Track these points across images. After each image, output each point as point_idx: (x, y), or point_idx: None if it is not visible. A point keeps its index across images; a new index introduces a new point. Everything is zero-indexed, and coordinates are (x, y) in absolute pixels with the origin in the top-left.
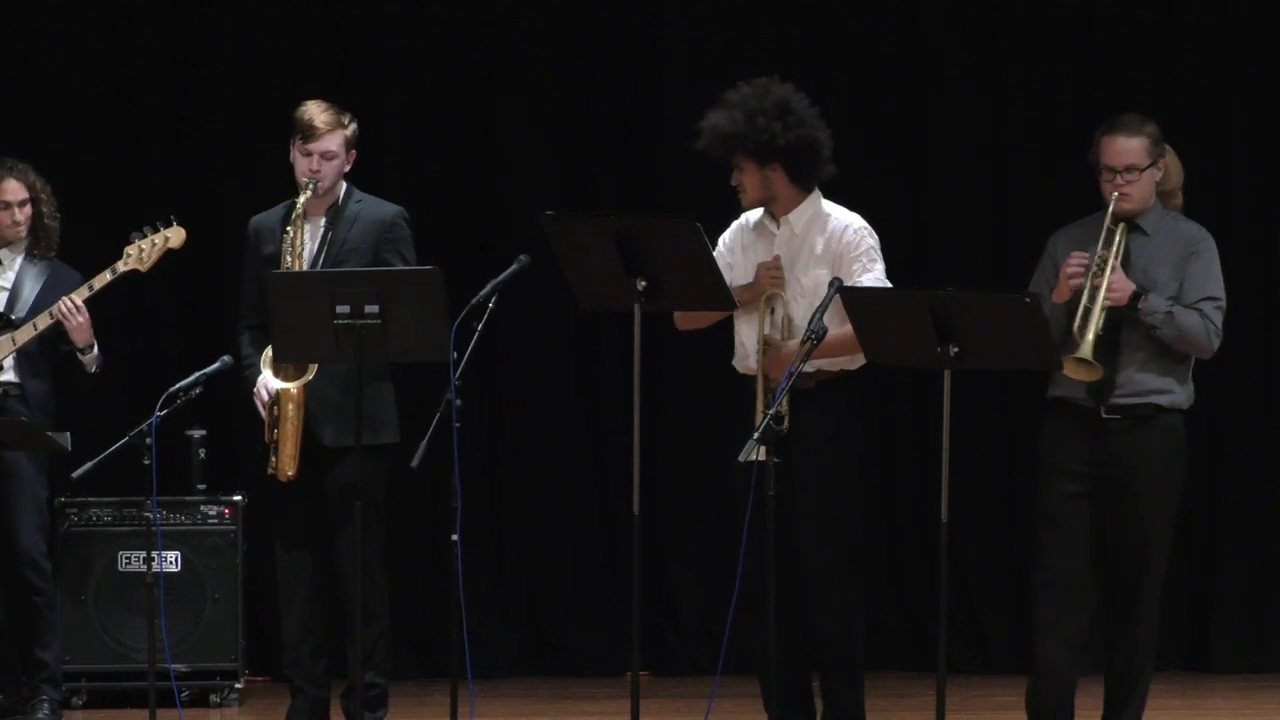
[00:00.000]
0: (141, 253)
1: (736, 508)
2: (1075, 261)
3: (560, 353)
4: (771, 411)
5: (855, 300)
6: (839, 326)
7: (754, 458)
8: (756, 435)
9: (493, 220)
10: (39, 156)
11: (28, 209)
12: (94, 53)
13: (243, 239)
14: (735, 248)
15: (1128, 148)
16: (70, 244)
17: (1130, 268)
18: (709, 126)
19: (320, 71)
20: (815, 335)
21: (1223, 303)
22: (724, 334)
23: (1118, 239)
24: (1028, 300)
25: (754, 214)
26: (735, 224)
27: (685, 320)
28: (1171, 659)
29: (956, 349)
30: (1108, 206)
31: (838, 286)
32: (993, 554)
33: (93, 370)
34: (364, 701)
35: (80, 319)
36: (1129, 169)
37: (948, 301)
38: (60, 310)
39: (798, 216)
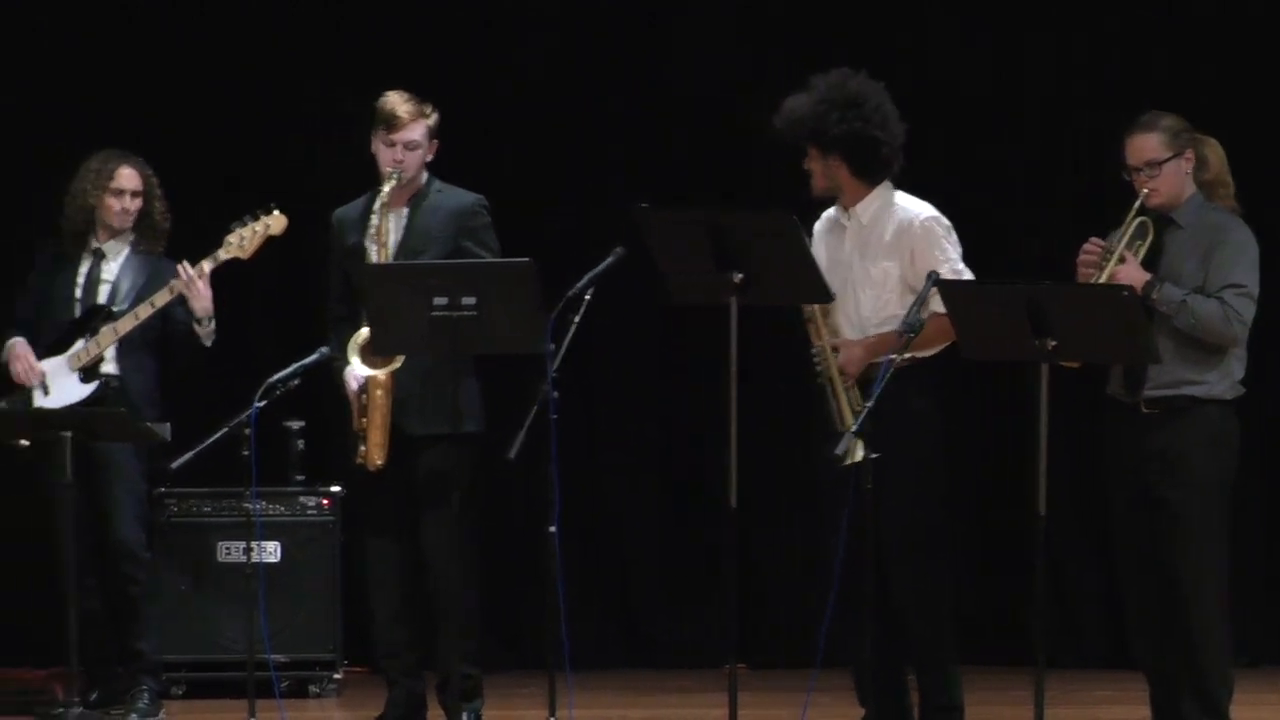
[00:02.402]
0: (243, 240)
1: (831, 500)
2: (1089, 248)
3: (654, 345)
4: (870, 405)
5: (951, 293)
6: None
7: (851, 458)
8: (854, 428)
9: (586, 212)
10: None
11: (139, 200)
12: (182, 47)
13: (325, 225)
14: (817, 244)
15: (1144, 144)
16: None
17: (1160, 260)
18: (784, 108)
19: (405, 60)
20: (912, 329)
21: (1249, 290)
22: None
23: (1130, 231)
24: (1125, 294)
25: (833, 209)
26: (819, 221)
27: None
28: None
29: (1053, 343)
30: (1135, 200)
31: (935, 279)
32: (1086, 546)
33: (208, 344)
34: (458, 692)
35: (200, 285)
36: (1148, 164)
37: (1045, 294)
38: (181, 276)
39: (864, 209)
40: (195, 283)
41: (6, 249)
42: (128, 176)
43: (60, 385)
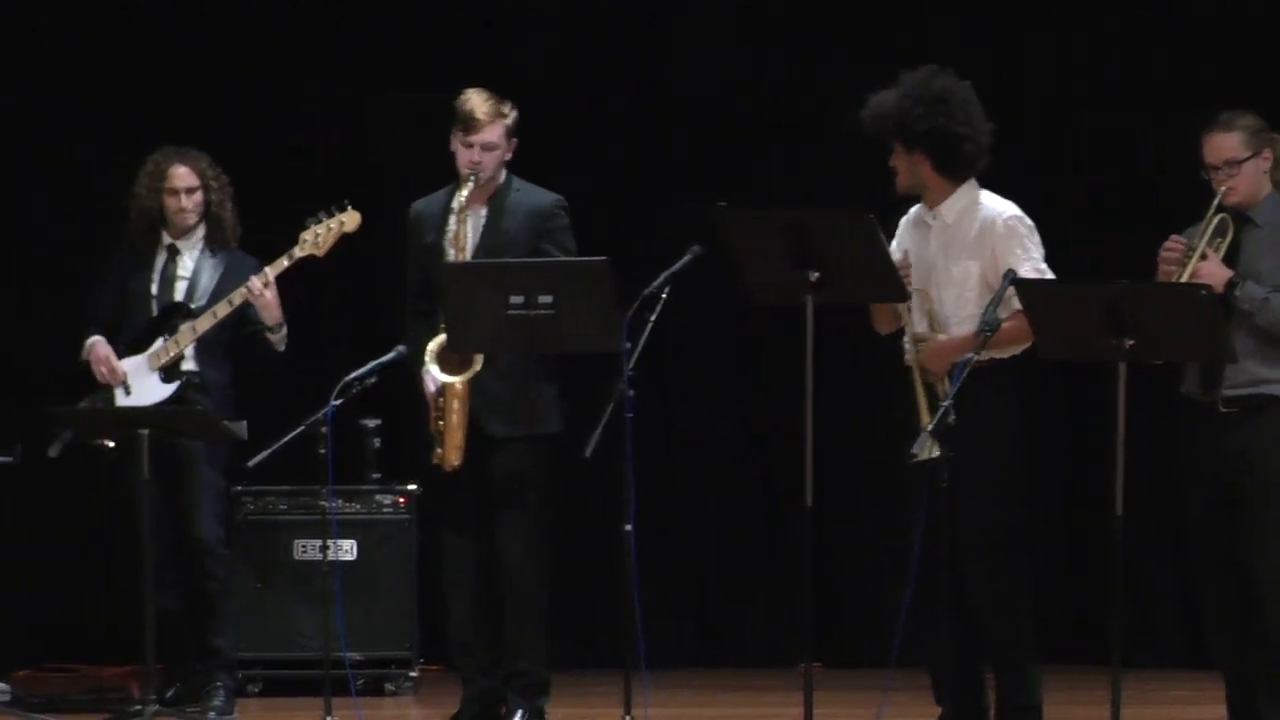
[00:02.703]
0: (317, 237)
1: (907, 499)
2: (1171, 246)
3: (730, 344)
4: (947, 403)
5: (1029, 292)
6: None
7: (926, 456)
8: (930, 427)
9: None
10: (207, 145)
11: (197, 196)
12: (256, 43)
13: (401, 223)
14: (901, 240)
15: (1223, 143)
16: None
17: (1239, 258)
18: (869, 104)
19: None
20: (989, 327)
21: None
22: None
23: (1210, 229)
24: (1204, 293)
25: (918, 207)
26: (905, 216)
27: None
28: None
29: (1131, 342)
30: (1214, 199)
31: (1011, 278)
32: (1163, 545)
33: (280, 349)
34: (525, 689)
35: (270, 295)
36: (1228, 163)
37: (1122, 294)
38: (250, 289)
39: (949, 208)
40: (263, 293)
41: (87, 246)
42: (182, 176)
43: (142, 385)
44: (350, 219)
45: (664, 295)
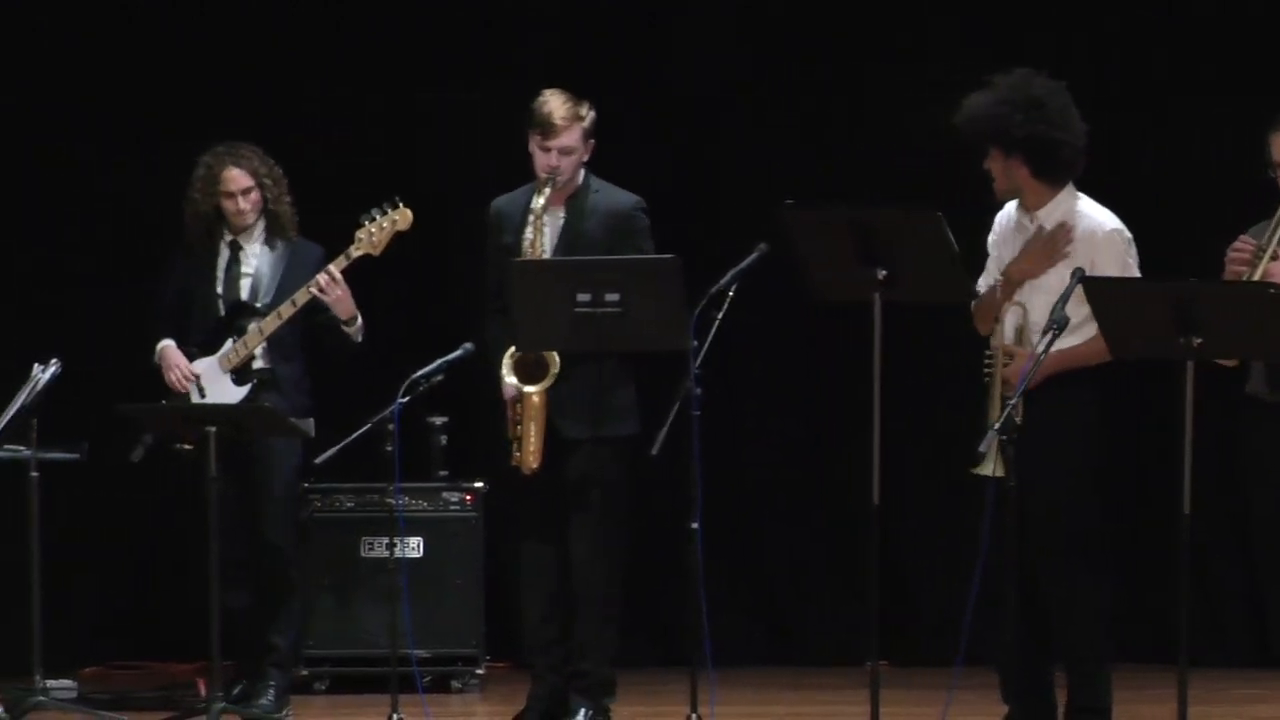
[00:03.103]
0: (371, 236)
1: (974, 497)
2: (1240, 246)
3: (797, 342)
4: (1013, 402)
5: (1096, 291)
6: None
7: (990, 472)
8: (997, 425)
9: (727, 208)
10: (264, 139)
11: (253, 195)
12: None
13: (474, 221)
14: (998, 239)
15: None
16: (304, 227)
17: None
18: (964, 108)
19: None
20: (1057, 325)
21: None
22: (960, 325)
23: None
24: (1272, 291)
25: (1015, 207)
26: (1001, 213)
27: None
28: None
29: (1199, 340)
30: None
31: (1080, 277)
32: (1230, 544)
33: (357, 341)
34: (589, 689)
35: (339, 291)
36: None
37: (1191, 292)
38: (318, 285)
39: (1047, 215)
40: (331, 288)
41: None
42: (235, 179)
43: (214, 387)
44: (403, 217)
45: (731, 293)
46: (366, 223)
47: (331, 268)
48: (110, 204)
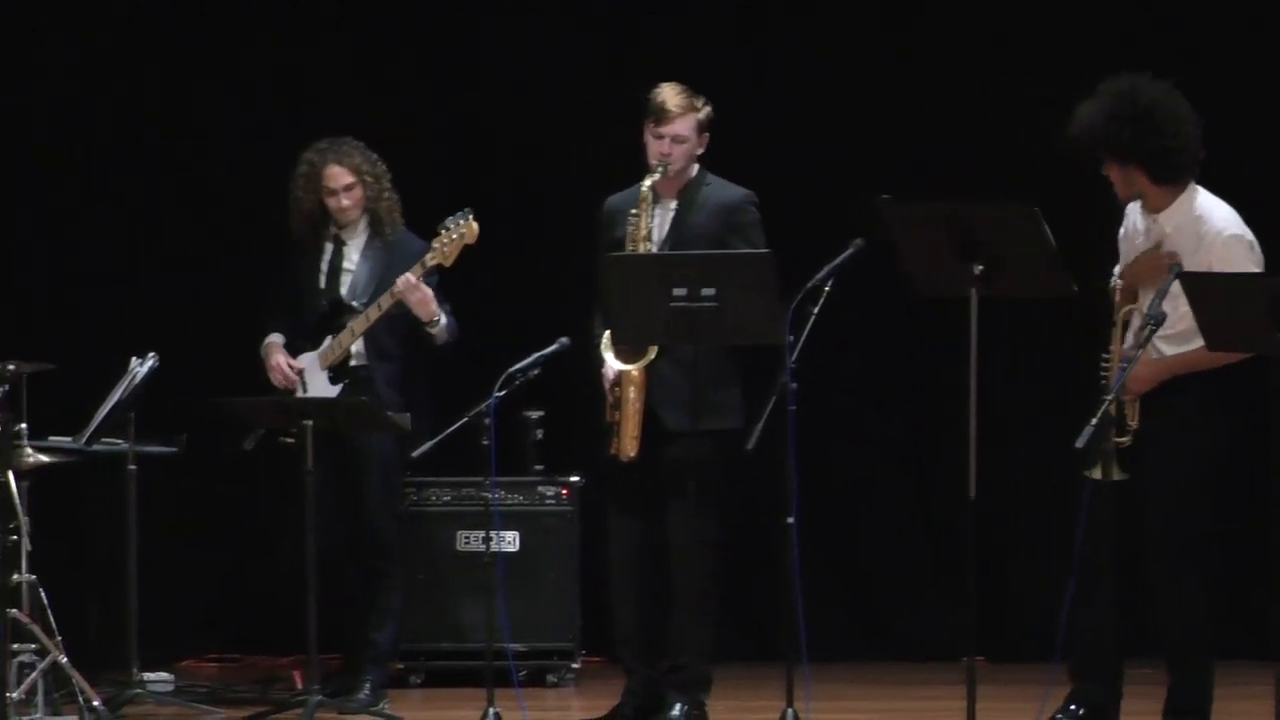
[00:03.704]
0: (444, 247)
1: (1072, 493)
2: None
3: (894, 337)
4: (1110, 398)
5: (1194, 286)
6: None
7: (1097, 475)
8: (1095, 420)
9: (825, 203)
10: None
11: (356, 192)
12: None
13: (578, 217)
14: (1125, 235)
15: None
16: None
17: None
18: (1075, 119)
19: (674, 56)
20: (1154, 320)
21: None
22: (1050, 316)
23: None
24: None
25: (1140, 206)
26: (1131, 205)
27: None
28: None
29: None
30: None
31: (1177, 272)
32: None
33: (441, 341)
34: (685, 684)
35: (418, 294)
36: None
37: None
38: (398, 289)
39: (1168, 217)
40: (411, 292)
41: (255, 240)
42: (336, 175)
43: (314, 382)
44: (470, 231)
45: (827, 288)
46: (442, 232)
47: (409, 275)
48: (209, 198)
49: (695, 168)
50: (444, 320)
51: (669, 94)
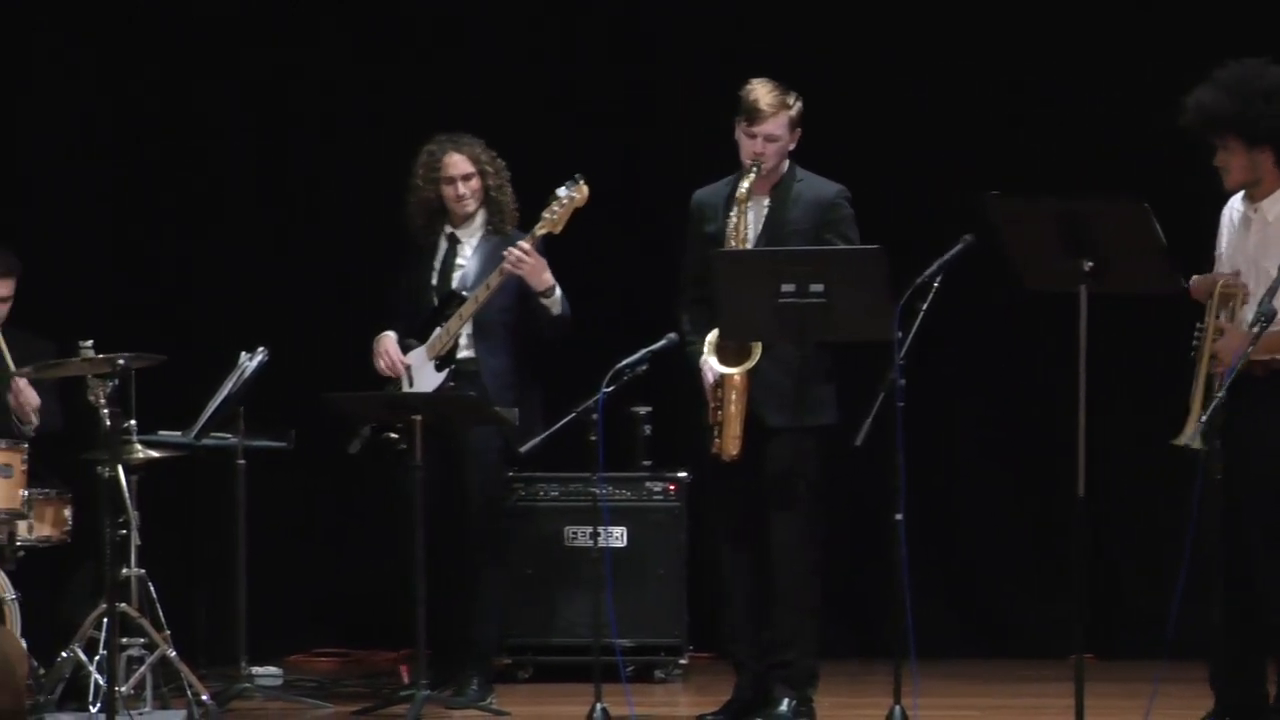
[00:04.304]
0: (554, 215)
1: (1181, 489)
2: None
3: (1002, 332)
4: (1221, 396)
5: None
6: None
7: (1192, 445)
8: (1202, 419)
9: (932, 199)
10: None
11: (474, 183)
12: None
13: (677, 212)
14: (1227, 235)
15: None
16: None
17: None
18: (1195, 104)
19: (770, 47)
20: (1265, 317)
21: None
22: (1163, 313)
23: None
24: None
25: (1241, 198)
26: (1224, 214)
27: None
28: None
29: None
30: None
31: None
32: None
33: (556, 313)
34: (792, 679)
35: (530, 262)
36: None
37: None
38: (509, 261)
39: (1270, 205)
40: (522, 262)
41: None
42: (455, 163)
43: (421, 375)
44: (580, 194)
45: (936, 284)
46: (553, 202)
47: (520, 244)
48: (318, 194)
49: (786, 163)
50: (559, 292)
51: (761, 92)
